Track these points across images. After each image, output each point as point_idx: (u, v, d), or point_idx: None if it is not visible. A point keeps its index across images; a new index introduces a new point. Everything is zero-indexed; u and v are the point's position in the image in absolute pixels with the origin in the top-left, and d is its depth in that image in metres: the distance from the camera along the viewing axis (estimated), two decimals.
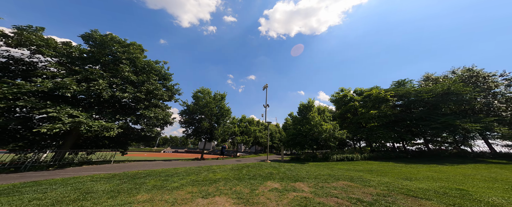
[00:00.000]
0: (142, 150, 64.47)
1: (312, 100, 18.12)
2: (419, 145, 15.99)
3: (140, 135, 9.48)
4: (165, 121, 11.60)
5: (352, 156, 13.23)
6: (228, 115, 16.37)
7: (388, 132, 14.14)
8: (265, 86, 54.77)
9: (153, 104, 10.07)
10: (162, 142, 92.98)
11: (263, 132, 28.48)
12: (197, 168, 7.71)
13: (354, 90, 22.54)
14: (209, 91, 16.05)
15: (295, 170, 7.77)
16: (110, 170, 6.18)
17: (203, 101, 14.53)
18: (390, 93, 16.57)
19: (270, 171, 7.36)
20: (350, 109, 20.00)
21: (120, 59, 9.64)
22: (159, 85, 10.85)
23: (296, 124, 18.52)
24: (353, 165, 10.07)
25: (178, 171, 6.28)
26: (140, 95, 9.17)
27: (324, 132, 13.76)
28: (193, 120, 14.47)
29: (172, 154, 49.09)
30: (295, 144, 17.07)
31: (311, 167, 9.23)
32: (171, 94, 12.56)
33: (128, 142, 10.77)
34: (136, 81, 9.58)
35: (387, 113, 15.32)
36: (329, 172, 7.25)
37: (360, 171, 7.55)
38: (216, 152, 61.18)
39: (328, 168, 9.04)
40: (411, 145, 15.97)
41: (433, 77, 18.17)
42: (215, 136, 14.82)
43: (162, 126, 12.38)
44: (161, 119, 10.35)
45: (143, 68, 10.84)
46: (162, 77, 12.55)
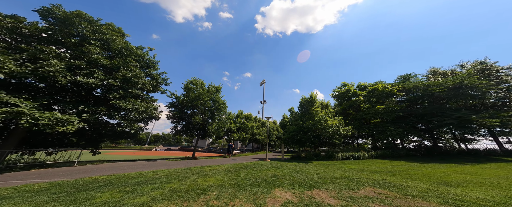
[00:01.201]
0: (132, 148, 61.83)
1: (314, 94, 17.07)
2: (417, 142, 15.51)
3: (115, 130, 7.92)
4: (149, 115, 10.07)
5: (358, 154, 12.44)
6: (223, 109, 14.95)
7: (396, 128, 13.43)
8: (262, 82, 53.25)
9: (132, 94, 8.49)
10: (153, 139, 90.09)
11: (261, 129, 27.40)
12: (185, 170, 6.41)
13: (357, 85, 21.77)
14: (202, 83, 14.48)
15: (302, 171, 6.69)
16: (62, 176, 4.73)
17: (195, 94, 13.01)
18: (397, 87, 15.82)
19: (274, 173, 6.21)
20: (353, 104, 19.21)
21: (88, 40, 7.91)
22: (140, 72, 9.23)
23: (297, 120, 17.50)
24: (363, 165, 9.17)
25: (156, 176, 4.96)
26: (114, 83, 7.57)
27: (329, 128, 12.80)
28: (183, 114, 12.97)
29: (163, 152, 47.27)
30: (296, 141, 16.09)
31: (317, 167, 8.22)
32: (156, 84, 10.93)
33: (103, 139, 9.18)
34: (109, 66, 7.94)
35: (394, 108, 14.59)
36: (342, 173, 6.21)
37: (377, 173, 6.58)
38: (210, 149, 59.83)
39: (337, 168, 8.06)
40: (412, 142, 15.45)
41: (440, 71, 17.64)
42: (209, 132, 13.44)
43: (145, 121, 10.84)
44: (142, 111, 8.82)
45: (120, 52, 9.14)
46: (145, 64, 10.87)
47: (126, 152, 40.81)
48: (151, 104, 10.01)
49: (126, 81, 8.41)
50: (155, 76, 10.91)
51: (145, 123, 11.04)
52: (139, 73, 8.99)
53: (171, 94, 12.33)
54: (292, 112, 20.10)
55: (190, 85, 13.33)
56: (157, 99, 11.83)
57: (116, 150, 52.57)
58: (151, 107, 9.74)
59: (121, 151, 45.92)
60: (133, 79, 8.51)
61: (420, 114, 14.14)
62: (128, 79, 8.37)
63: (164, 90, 11.87)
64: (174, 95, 12.56)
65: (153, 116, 10.82)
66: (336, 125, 12.81)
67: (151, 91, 11.23)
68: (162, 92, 11.89)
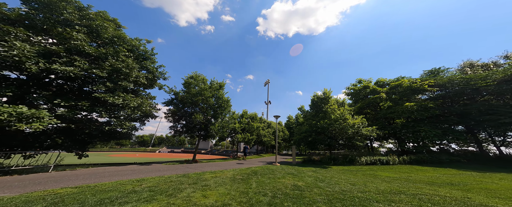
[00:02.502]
0: (136, 150, 62.38)
1: (328, 91, 15.50)
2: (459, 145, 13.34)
3: (101, 130, 6.83)
4: (144, 113, 9.03)
5: (386, 159, 10.70)
6: (227, 107, 13.74)
7: (432, 129, 11.51)
8: (266, 82, 51.89)
9: (122, 87, 7.46)
10: (157, 141, 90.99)
11: (266, 130, 25.95)
12: (180, 177, 5.18)
13: (376, 82, 19.89)
14: (204, 79, 13.39)
15: (329, 181, 5.25)
16: (13, 188, 3.61)
17: (196, 89, 11.92)
18: (429, 82, 13.88)
19: (294, 183, 4.84)
20: (373, 102, 17.36)
21: (72, 25, 7.02)
22: (133, 63, 8.22)
23: (309, 119, 15.95)
24: (400, 172, 7.51)
25: (138, 188, 3.74)
26: (100, 73, 6.56)
27: (349, 128, 11.19)
28: (183, 112, 11.88)
29: (166, 154, 46.87)
30: (308, 143, 14.54)
31: (344, 174, 6.72)
32: (152, 77, 9.92)
33: (93, 140, 8.19)
34: (96, 55, 6.97)
35: (427, 106, 12.67)
36: (388, 185, 4.70)
37: (435, 185, 4.99)
38: (214, 152, 58.78)
39: (370, 176, 6.51)
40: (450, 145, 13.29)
41: (479, 64, 15.47)
42: (211, 132, 12.24)
43: (141, 120, 9.83)
44: (135, 108, 7.76)
45: (111, 41, 8.22)
46: (141, 55, 9.93)
47: (129, 154, 40.74)
48: (146, 100, 8.95)
49: (115, 72, 7.41)
50: (151, 69, 9.92)
51: (141, 122, 10.03)
52: (131, 64, 7.98)
53: (169, 90, 11.27)
54: (302, 110, 18.61)
55: (191, 81, 12.27)
56: (156, 97, 10.83)
57: (120, 152, 53.15)
58: (146, 103, 8.68)
59: (124, 153, 46.11)
60: (124, 71, 7.49)
61: (461, 112, 12.12)
62: (117, 70, 7.37)
63: (162, 86, 10.88)
64: (172, 91, 11.50)
65: (149, 114, 9.80)
66: (359, 124, 11.16)
67: (148, 87, 10.26)
68: (160, 88, 10.89)
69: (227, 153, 48.38)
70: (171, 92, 11.39)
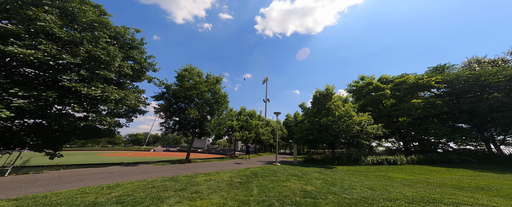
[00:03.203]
0: (129, 149, 60.80)
1: (331, 87, 14.84)
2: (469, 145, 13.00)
3: (75, 126, 5.86)
4: (130, 107, 8.09)
5: (394, 159, 10.18)
6: (224, 103, 12.89)
7: (441, 127, 11.03)
8: (265, 80, 51.04)
9: (101, 77, 6.51)
10: (152, 140, 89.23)
11: (265, 128, 25.28)
12: (165, 182, 4.38)
13: (379, 78, 19.39)
14: (200, 72, 12.45)
15: (342, 184, 4.57)
16: None
17: (190, 83, 11.01)
18: (436, 78, 13.40)
19: (302, 188, 4.13)
20: (377, 99, 16.86)
21: (41, 5, 5.98)
22: (115, 50, 7.24)
23: (311, 117, 15.31)
24: (413, 173, 6.94)
25: (102, 200, 2.90)
26: (71, 60, 5.60)
27: (355, 126, 10.59)
28: (177, 108, 10.97)
29: (161, 153, 45.76)
30: (309, 141, 13.91)
31: (354, 176, 6.07)
32: (140, 68, 8.93)
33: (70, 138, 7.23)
34: (68, 39, 5.99)
35: (435, 103, 12.19)
36: (413, 191, 4.05)
37: (461, 189, 4.39)
38: (210, 150, 57.92)
39: (383, 178, 5.89)
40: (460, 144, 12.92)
41: (486, 60, 15.11)
42: (207, 130, 11.39)
43: (127, 115, 8.90)
44: (117, 101, 6.83)
45: (90, 26, 7.21)
46: (126, 44, 8.93)
47: (120, 153, 39.39)
48: (132, 93, 7.96)
49: (93, 60, 6.44)
50: (139, 59, 8.91)
51: (127, 118, 9.08)
52: (113, 51, 7.00)
53: (160, 83, 10.24)
54: (303, 107, 17.95)
55: (185, 73, 11.32)
56: (145, 91, 9.86)
57: (112, 151, 51.68)
58: (132, 96, 7.71)
59: (116, 152, 44.70)
60: (103, 58, 6.53)
61: (469, 109, 11.70)
62: (95, 58, 6.40)
63: (152, 78, 9.85)
64: (163, 84, 10.50)
65: (136, 109, 8.87)
66: (365, 122, 10.56)
67: (135, 79, 9.27)
68: (149, 81, 9.86)
69: (224, 152, 47.60)
70: (161, 85, 10.38)
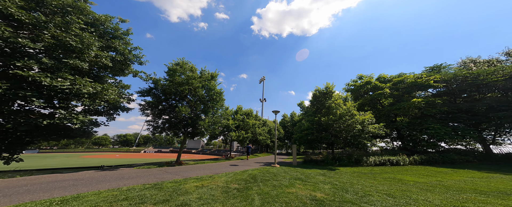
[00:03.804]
0: (118, 150, 57.83)
1: (331, 85, 14.52)
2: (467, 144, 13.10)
3: (35, 125, 4.83)
4: (110, 104, 7.12)
5: (396, 159, 9.92)
6: (220, 101, 12.08)
7: (441, 127, 10.96)
8: (262, 79, 50.78)
9: (69, 66, 5.55)
10: (143, 141, 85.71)
11: (261, 128, 24.67)
12: (145, 191, 3.60)
13: (378, 78, 19.41)
14: (193, 68, 11.54)
15: (358, 192, 4.02)
16: None
17: (182, 78, 10.12)
18: (435, 77, 13.43)
19: (312, 196, 3.54)
20: (377, 97, 16.80)
21: None
22: (91, 37, 6.27)
23: (310, 116, 14.92)
24: (425, 176, 6.60)
25: None
26: (31, 45, 4.64)
27: (357, 125, 10.23)
28: (169, 106, 10.01)
29: (152, 154, 43.79)
30: (309, 141, 13.48)
31: (363, 180, 5.59)
32: (123, 60, 7.96)
33: (35, 140, 6.18)
34: (29, 21, 5.00)
35: (435, 101, 12.16)
36: (439, 198, 3.56)
37: (489, 195, 3.96)
38: (205, 151, 56.34)
39: (397, 181, 5.44)
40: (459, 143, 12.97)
41: (481, 60, 15.45)
42: (200, 129, 10.55)
43: (108, 113, 7.90)
44: (91, 95, 5.89)
45: (62, 10, 6.20)
46: (107, 33, 7.96)
47: (106, 155, 37.22)
48: (111, 87, 6.91)
49: (60, 47, 5.47)
50: (122, 50, 7.91)
51: (109, 117, 8.07)
52: (88, 39, 6.04)
53: (146, 77, 9.22)
54: (302, 106, 17.56)
55: (176, 68, 10.40)
56: (130, 86, 8.86)
57: (98, 153, 48.96)
58: (112, 91, 6.73)
59: (101, 154, 42.32)
60: (74, 45, 5.57)
61: (467, 108, 11.75)
62: (64, 45, 5.43)
63: (137, 72, 8.85)
64: (151, 79, 9.49)
65: (117, 106, 7.88)
66: (368, 121, 10.23)
67: (118, 73, 8.26)
68: (135, 75, 8.86)
69: (219, 153, 46.40)
70: (148, 80, 9.37)
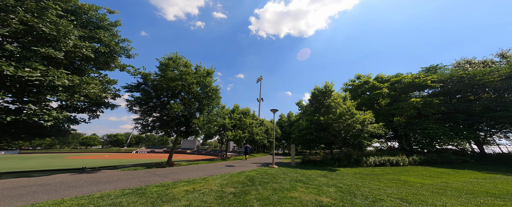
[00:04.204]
0: (108, 151, 55.65)
1: (330, 84, 14.31)
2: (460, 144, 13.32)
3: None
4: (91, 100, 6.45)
5: (396, 159, 9.80)
6: (216, 98, 11.53)
7: (439, 127, 10.98)
8: (259, 79, 50.01)
9: (40, 55, 4.89)
10: (135, 141, 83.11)
11: (258, 128, 24.29)
12: (123, 198, 3.09)
13: (376, 77, 19.51)
14: (188, 63, 10.94)
15: (368, 196, 3.69)
16: None
17: (175, 73, 9.50)
18: (432, 77, 13.54)
19: (318, 201, 3.19)
20: (375, 97, 16.83)
21: None
22: (68, 24, 5.60)
23: (309, 115, 14.66)
24: (428, 177, 6.43)
25: None
26: None
27: (357, 124, 10.04)
28: (160, 103, 9.36)
29: (144, 155, 42.38)
30: (308, 141, 13.21)
31: (368, 181, 5.31)
32: (108, 52, 7.28)
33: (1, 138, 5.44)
34: None
35: (433, 101, 12.22)
36: (454, 203, 3.27)
37: (505, 198, 3.73)
38: (200, 151, 55.23)
39: (402, 183, 5.19)
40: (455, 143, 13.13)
41: (476, 61, 15.79)
42: (194, 128, 9.97)
43: (90, 110, 7.21)
44: (67, 89, 5.24)
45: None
46: (91, 23, 7.27)
47: (93, 156, 35.60)
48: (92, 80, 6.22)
49: (32, 34, 4.80)
50: (107, 41, 7.21)
51: (91, 114, 7.35)
52: (65, 26, 5.38)
53: (134, 71, 8.45)
54: (300, 105, 17.30)
55: (169, 62, 9.77)
56: (117, 81, 8.12)
57: (86, 153, 46.89)
58: (94, 84, 6.06)
59: (88, 155, 40.50)
60: (48, 32, 4.91)
61: (464, 109, 11.87)
62: (36, 32, 4.76)
63: (125, 66, 8.11)
64: (140, 73, 8.75)
65: (101, 102, 7.19)
66: (368, 120, 10.06)
67: (102, 66, 7.55)
68: (122, 69, 8.10)
69: (215, 153, 45.59)
70: (137, 74, 8.63)
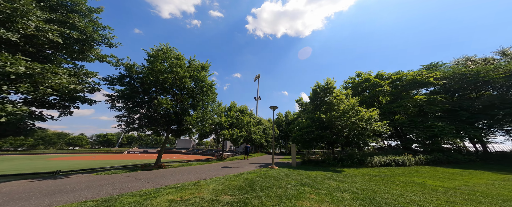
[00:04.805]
0: (96, 151, 53.28)
1: (332, 80, 13.81)
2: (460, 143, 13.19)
3: None
4: (61, 93, 5.50)
5: (402, 159, 9.40)
6: (211, 94, 10.70)
7: (445, 125, 10.69)
8: (257, 77, 49.04)
9: None
10: (126, 140, 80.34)
11: (256, 127, 23.61)
12: None
13: (376, 75, 19.29)
14: (181, 56, 10.00)
15: (389, 204, 3.05)
16: None
17: (165, 66, 8.59)
18: (435, 75, 13.31)
19: None
20: (376, 95, 16.55)
21: None
22: (27, 2, 4.64)
23: (309, 113, 14.15)
24: (442, 178, 6.00)
25: None
26: None
27: (362, 122, 9.56)
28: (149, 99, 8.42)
29: (135, 155, 40.78)
30: (309, 140, 12.68)
31: (383, 185, 4.77)
32: (83, 39, 6.31)
33: None
34: None
35: (437, 99, 11.96)
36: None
37: None
38: (196, 151, 53.84)
39: (424, 187, 4.68)
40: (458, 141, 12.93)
41: (478, 59, 15.76)
42: (187, 126, 9.13)
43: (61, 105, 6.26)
44: (21, 76, 4.33)
45: None
46: (62, 6, 6.30)
47: (80, 157, 33.79)
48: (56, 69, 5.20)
49: None
50: (82, 26, 6.20)
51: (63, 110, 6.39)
52: (24, 5, 4.44)
53: (116, 61, 7.25)
54: (300, 103, 16.74)
55: (158, 54, 8.85)
56: (97, 73, 7.09)
57: (72, 154, 44.67)
58: (60, 73, 5.11)
59: (75, 156, 38.55)
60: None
61: (468, 106, 11.67)
62: None
63: (105, 56, 7.04)
64: (122, 64, 7.59)
65: (74, 96, 6.24)
66: (374, 118, 9.60)
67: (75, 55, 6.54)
68: (102, 59, 7.02)
69: (211, 153, 44.48)
70: (119, 65, 7.54)
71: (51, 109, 6.21)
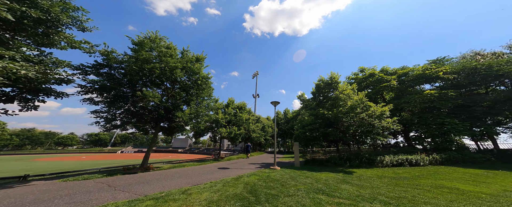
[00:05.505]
0: (87, 151, 51.51)
1: (336, 75, 13.03)
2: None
3: None
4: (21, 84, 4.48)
5: (415, 159, 8.75)
6: (207, 88, 9.72)
7: (458, 122, 10.09)
8: (255, 74, 48.01)
9: None
10: (119, 140, 78.31)
11: (255, 124, 22.80)
12: None
13: (381, 70, 18.63)
14: (172, 46, 8.91)
15: None
16: None
17: (152, 55, 7.54)
18: (444, 69, 12.70)
19: None
20: (381, 90, 15.91)
21: None
22: None
23: (312, 109, 13.40)
24: (473, 182, 5.35)
25: None
26: None
27: (375, 119, 8.84)
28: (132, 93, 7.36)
29: (129, 155, 39.49)
30: (313, 138, 11.95)
31: (410, 189, 4.05)
32: (47, 20, 5.19)
33: None
34: None
35: (448, 94, 11.36)
36: None
37: None
38: (193, 150, 52.75)
39: (462, 194, 4.00)
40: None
41: (486, 53, 15.27)
42: (178, 123, 8.15)
43: (21, 97, 5.25)
44: None
45: None
46: None
47: (68, 157, 32.35)
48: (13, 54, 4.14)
49: None
50: (46, 5, 5.06)
51: (24, 104, 5.34)
52: None
53: (90, 48, 6.04)
54: (302, 99, 15.93)
55: (145, 41, 7.78)
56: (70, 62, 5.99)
57: (62, 154, 42.93)
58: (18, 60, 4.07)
59: (63, 156, 37.03)
60: None
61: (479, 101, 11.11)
62: None
63: (78, 42, 5.90)
64: (97, 51, 6.37)
65: (40, 88, 5.19)
66: (387, 113, 8.90)
67: (40, 40, 5.42)
68: (73, 45, 5.88)
69: (209, 152, 43.55)
70: (94, 52, 6.35)
71: (8, 102, 5.14)
